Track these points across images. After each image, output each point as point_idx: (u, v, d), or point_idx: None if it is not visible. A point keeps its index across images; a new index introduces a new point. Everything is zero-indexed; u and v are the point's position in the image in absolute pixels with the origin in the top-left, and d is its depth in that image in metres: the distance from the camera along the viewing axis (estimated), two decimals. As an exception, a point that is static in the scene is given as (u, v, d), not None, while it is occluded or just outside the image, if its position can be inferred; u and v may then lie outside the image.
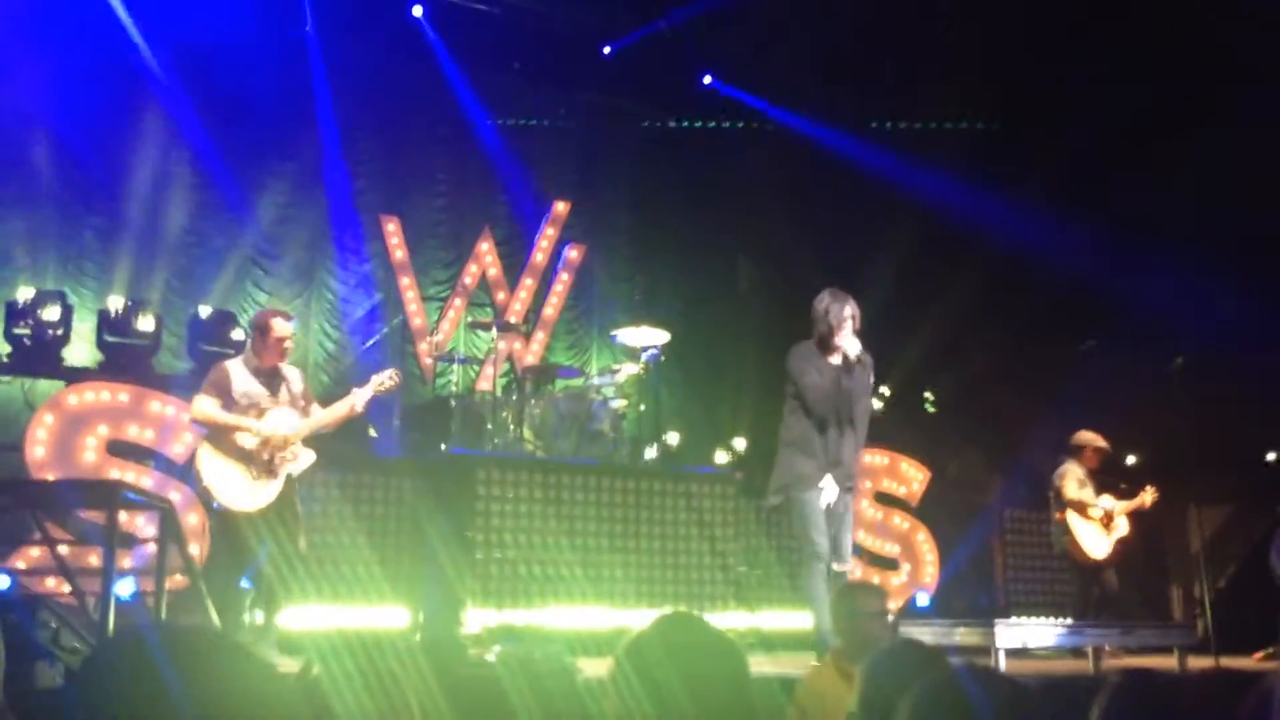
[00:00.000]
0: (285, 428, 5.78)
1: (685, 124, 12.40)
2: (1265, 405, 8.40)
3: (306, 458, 5.86)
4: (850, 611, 4.04)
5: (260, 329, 5.93)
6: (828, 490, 5.69)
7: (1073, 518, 8.08)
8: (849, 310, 5.76)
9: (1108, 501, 8.20)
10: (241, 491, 5.67)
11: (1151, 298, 10.17)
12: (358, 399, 5.99)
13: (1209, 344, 8.30)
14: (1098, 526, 8.12)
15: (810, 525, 5.63)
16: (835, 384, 5.70)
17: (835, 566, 5.68)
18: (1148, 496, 8.26)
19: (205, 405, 5.74)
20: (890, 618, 4.22)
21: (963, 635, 5.77)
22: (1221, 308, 9.62)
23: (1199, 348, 7.18)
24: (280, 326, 5.90)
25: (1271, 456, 8.79)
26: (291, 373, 6.04)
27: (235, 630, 5.82)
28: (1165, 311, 9.98)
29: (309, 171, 10.73)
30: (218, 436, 5.72)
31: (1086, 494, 8.14)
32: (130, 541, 6.79)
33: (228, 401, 5.75)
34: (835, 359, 5.75)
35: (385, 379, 6.15)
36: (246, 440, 5.69)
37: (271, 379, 5.89)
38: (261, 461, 5.70)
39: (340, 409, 5.97)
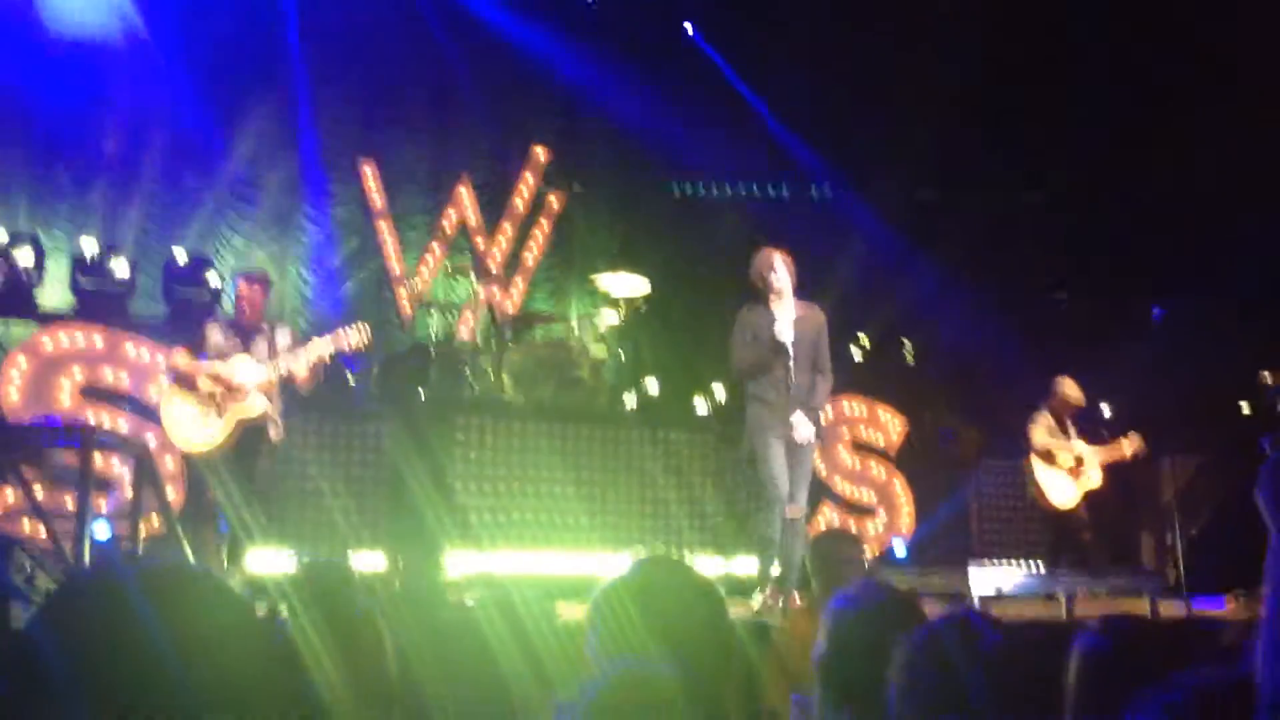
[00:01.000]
0: (241, 374, 6.08)
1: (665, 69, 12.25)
2: (1241, 357, 8.45)
3: (258, 404, 6.09)
4: (827, 558, 4.07)
5: (234, 287, 6.57)
6: (800, 428, 5.94)
7: (1037, 464, 8.07)
8: (777, 262, 6.09)
9: (1082, 447, 8.14)
10: (187, 426, 6.03)
11: (1129, 249, 10.23)
12: (315, 349, 6.28)
13: (1186, 295, 8.35)
14: (1065, 474, 8.10)
15: (770, 469, 5.92)
16: (772, 337, 5.97)
17: (786, 512, 5.89)
18: (1128, 446, 8.20)
19: (176, 355, 6.19)
20: (866, 564, 4.26)
21: (938, 580, 5.84)
22: (1198, 260, 9.68)
23: (1175, 300, 7.20)
24: (244, 285, 6.43)
25: (1246, 408, 8.86)
26: (280, 330, 6.42)
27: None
28: (1143, 263, 10.05)
29: (285, 113, 10.56)
30: (181, 380, 6.10)
31: (1056, 441, 8.12)
32: (106, 485, 6.76)
33: (200, 354, 6.19)
34: (777, 309, 6.03)
35: (349, 334, 6.37)
36: (203, 382, 6.06)
37: (249, 334, 6.26)
38: (209, 400, 6.04)
39: (298, 361, 6.23)
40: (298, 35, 10.57)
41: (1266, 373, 7.57)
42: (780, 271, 6.06)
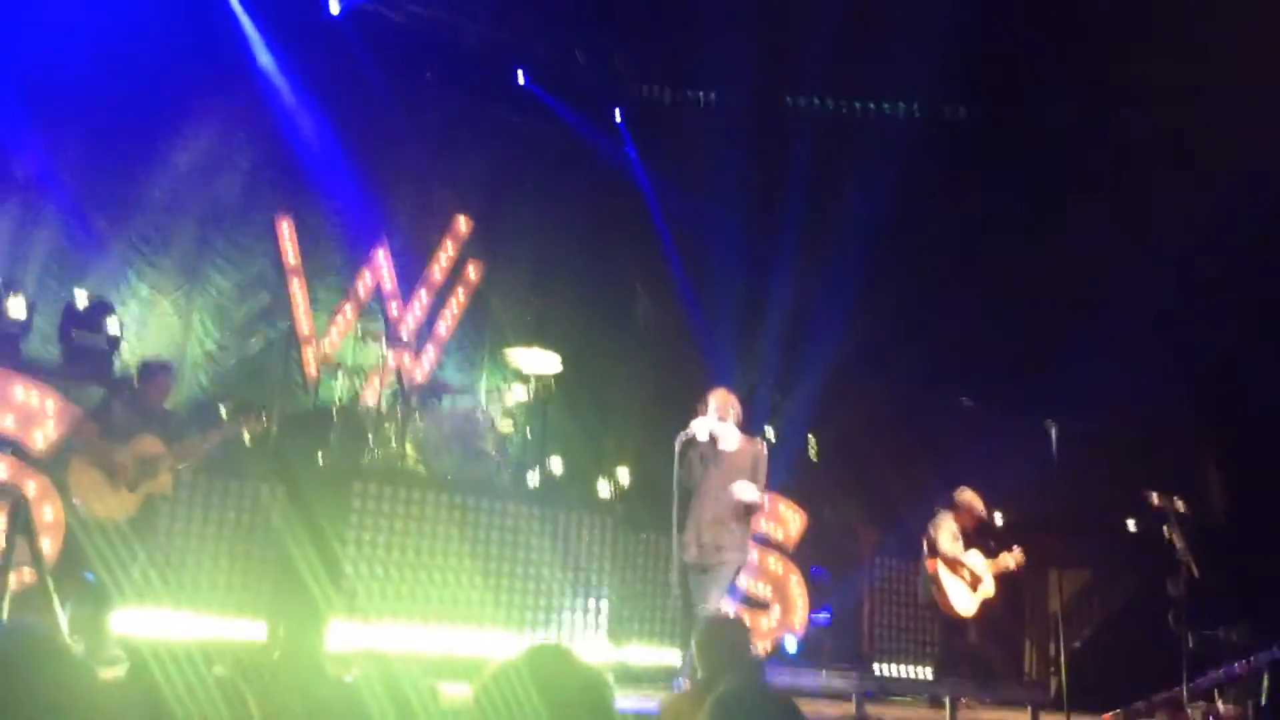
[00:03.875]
0: (153, 451, 6.46)
1: (593, 149, 12.45)
2: (1131, 475, 8.72)
3: (163, 482, 6.53)
4: (713, 644, 4.05)
5: (141, 373, 6.94)
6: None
7: (943, 570, 8.24)
8: (713, 403, 6.47)
9: (975, 559, 8.37)
10: (99, 496, 6.31)
11: (1028, 362, 10.53)
12: (212, 439, 6.79)
13: (1081, 412, 8.59)
14: (965, 583, 8.29)
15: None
16: (694, 467, 6.39)
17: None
18: (1011, 560, 8.45)
19: (86, 429, 6.54)
20: (755, 655, 4.26)
21: (828, 680, 5.84)
22: (1097, 376, 10.01)
23: (1071, 414, 7.42)
24: (157, 377, 6.89)
25: (1132, 525, 9.11)
26: (173, 415, 7.09)
27: (79, 627, 5.64)
28: (1041, 376, 10.35)
29: (202, 162, 10.41)
30: (92, 449, 6.40)
31: (958, 549, 8.32)
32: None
33: (106, 428, 6.48)
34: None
35: (247, 422, 6.90)
36: (120, 455, 6.40)
37: (149, 415, 6.64)
38: (122, 472, 6.37)
39: (195, 446, 6.71)
40: (223, 84, 10.48)
41: (1154, 494, 7.82)
42: (710, 414, 6.45)
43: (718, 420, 6.39)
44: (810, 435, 11.49)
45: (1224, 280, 9.95)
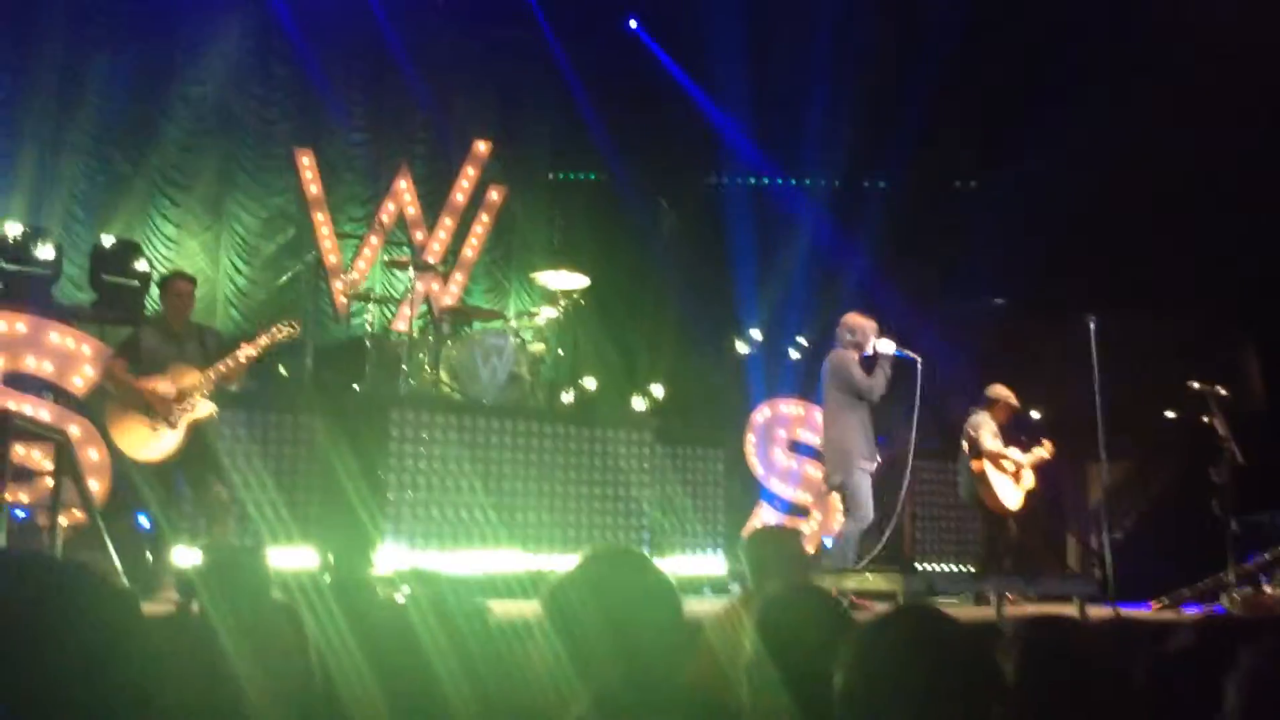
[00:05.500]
0: (184, 381, 6.07)
1: (607, 63, 12.22)
2: (1170, 366, 8.62)
3: (204, 407, 6.13)
4: (765, 554, 4.04)
5: (160, 288, 6.54)
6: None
7: (989, 468, 8.22)
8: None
9: (1015, 453, 8.37)
10: (140, 441, 6.00)
11: (1057, 256, 10.37)
12: (246, 352, 6.23)
13: (1113, 305, 8.47)
14: (1009, 477, 8.29)
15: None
16: None
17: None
18: (1045, 451, 8.45)
19: (113, 367, 6.15)
20: (808, 559, 4.26)
21: (873, 581, 5.86)
22: (1127, 270, 9.85)
23: (1101, 308, 7.33)
24: (175, 284, 6.41)
25: (1171, 414, 9.03)
26: (207, 331, 6.49)
27: (134, 567, 5.74)
28: (1073, 269, 10.20)
29: (220, 98, 10.36)
30: (125, 394, 6.05)
31: (999, 445, 8.31)
32: (28, 475, 6.57)
33: (135, 362, 6.10)
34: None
35: (278, 331, 6.35)
36: (150, 395, 6.04)
37: (180, 338, 6.25)
38: (160, 414, 6.02)
39: (230, 364, 6.18)
40: (237, 20, 10.38)
41: (1195, 383, 7.75)
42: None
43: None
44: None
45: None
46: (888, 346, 7.18)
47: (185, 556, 6.15)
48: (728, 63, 11.20)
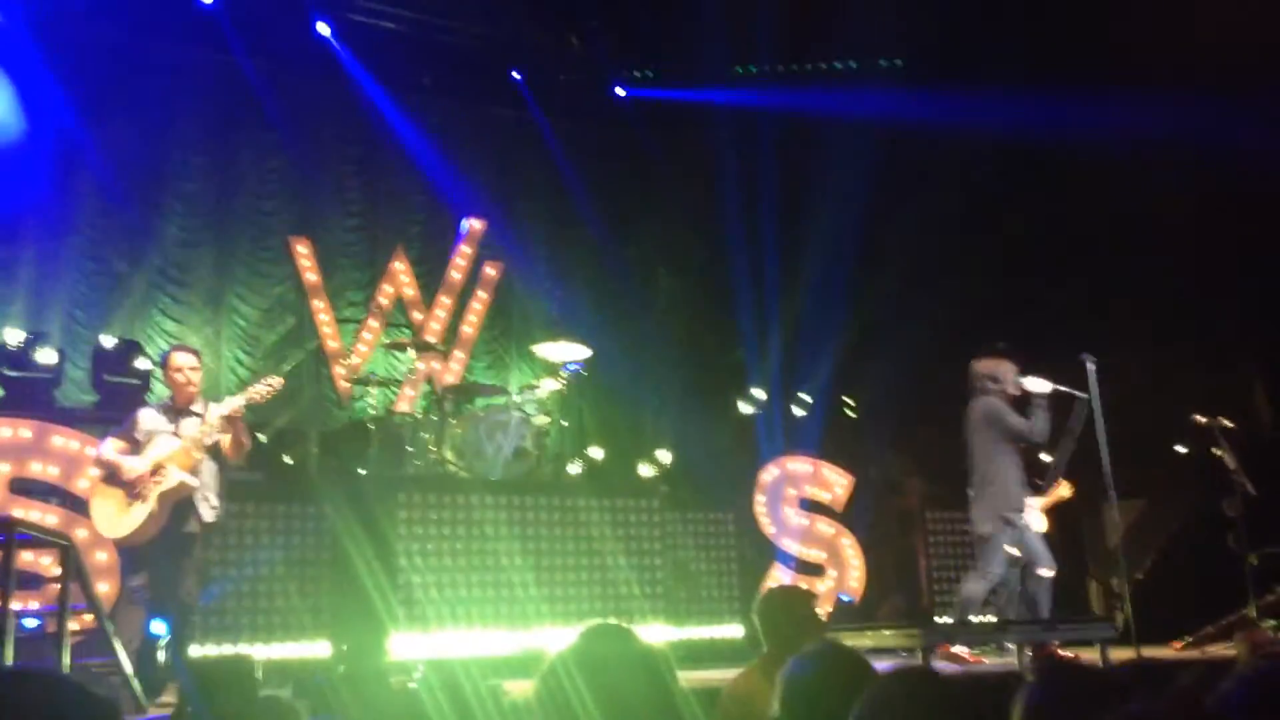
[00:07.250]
0: (157, 452, 5.89)
1: (597, 135, 12.38)
2: (1175, 398, 8.60)
3: (175, 477, 5.84)
4: (779, 616, 4.00)
5: (163, 365, 6.32)
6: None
7: None
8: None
9: (1031, 498, 8.25)
10: (111, 518, 5.82)
11: (1060, 301, 10.40)
12: (218, 411, 6.02)
13: (1119, 344, 8.48)
14: None
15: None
16: None
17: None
18: (1064, 490, 8.35)
19: (105, 447, 6.01)
20: (822, 620, 4.21)
21: (891, 638, 5.80)
22: (1126, 308, 9.87)
23: (1106, 348, 7.34)
24: (175, 358, 6.20)
25: (1181, 449, 9.00)
26: (213, 406, 6.15)
27: (147, 666, 5.69)
28: (1074, 314, 10.22)
29: (214, 193, 10.48)
30: (109, 475, 5.92)
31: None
32: (38, 581, 6.55)
33: (132, 442, 5.96)
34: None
35: (255, 390, 6.22)
36: (127, 472, 5.87)
37: (180, 414, 6.08)
38: (133, 487, 5.84)
39: (205, 429, 5.96)
40: (227, 114, 10.54)
41: (1200, 416, 7.72)
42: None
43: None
44: (844, 397, 11.40)
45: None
46: (1042, 386, 6.98)
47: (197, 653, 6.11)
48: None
